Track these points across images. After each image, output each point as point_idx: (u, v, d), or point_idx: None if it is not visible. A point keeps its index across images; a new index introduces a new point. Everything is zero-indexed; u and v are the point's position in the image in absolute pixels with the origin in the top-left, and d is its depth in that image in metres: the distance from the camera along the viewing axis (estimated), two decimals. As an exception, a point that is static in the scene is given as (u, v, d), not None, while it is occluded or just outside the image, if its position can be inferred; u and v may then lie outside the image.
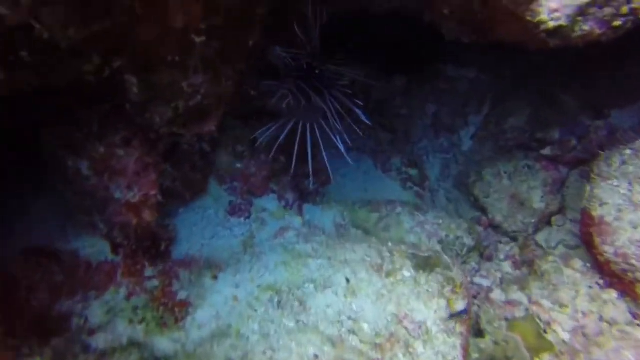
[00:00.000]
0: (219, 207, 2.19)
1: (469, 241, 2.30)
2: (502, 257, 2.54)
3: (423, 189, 2.95)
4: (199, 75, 1.13)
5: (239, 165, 2.16)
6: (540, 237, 2.51)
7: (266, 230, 2.08)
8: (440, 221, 2.30)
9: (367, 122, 2.08)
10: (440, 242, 2.23)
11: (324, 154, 2.28)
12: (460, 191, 3.09)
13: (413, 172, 2.97)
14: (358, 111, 2.06)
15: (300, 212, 2.43)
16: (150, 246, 1.58)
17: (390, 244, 1.92)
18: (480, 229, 2.68)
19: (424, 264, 1.81)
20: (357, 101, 2.46)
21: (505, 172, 2.59)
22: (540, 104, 2.77)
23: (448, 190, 3.15)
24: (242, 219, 2.16)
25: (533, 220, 2.45)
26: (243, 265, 1.78)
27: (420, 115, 3.48)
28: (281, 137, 2.08)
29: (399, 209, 2.32)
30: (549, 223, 2.50)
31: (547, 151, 2.51)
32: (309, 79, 2.10)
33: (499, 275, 2.39)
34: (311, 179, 2.40)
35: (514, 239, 2.54)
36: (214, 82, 1.19)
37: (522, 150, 2.84)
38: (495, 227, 2.61)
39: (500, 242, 2.61)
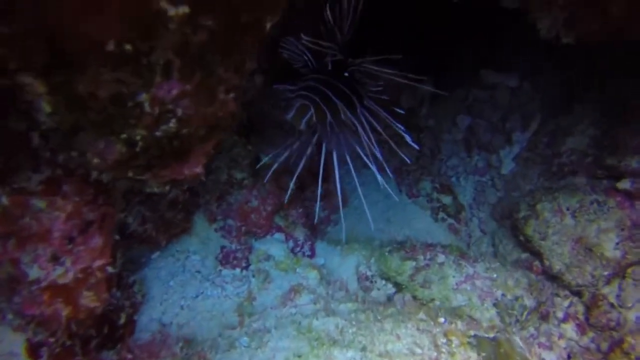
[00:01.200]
0: (207, 253, 1.63)
1: (530, 302, 1.78)
2: (560, 315, 2.03)
3: (458, 222, 2.42)
4: (174, 81, 0.59)
5: (236, 197, 1.60)
6: (610, 292, 2.00)
7: (271, 290, 1.53)
8: (495, 275, 1.77)
9: (415, 146, 1.53)
10: (495, 304, 1.71)
11: (337, 174, 1.73)
12: (498, 223, 2.57)
13: (446, 199, 2.44)
14: (402, 131, 1.51)
15: (312, 254, 1.88)
16: (97, 333, 1.02)
17: (442, 319, 1.38)
18: (531, 276, 2.17)
19: (494, 355, 1.28)
20: (397, 110, 1.91)
21: (568, 209, 2.07)
22: (609, 121, 2.26)
23: (483, 221, 2.63)
24: (237, 271, 1.61)
25: (605, 273, 1.94)
26: (236, 356, 1.23)
27: (449, 127, 2.95)
28: (300, 165, 1.52)
29: (440, 258, 1.78)
30: (623, 275, 1.99)
31: (625, 184, 1.99)
32: (336, 81, 1.54)
33: (563, 344, 1.88)
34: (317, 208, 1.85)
35: (578, 294, 2.03)
36: (202, 95, 0.65)
37: (583, 177, 2.34)
38: (552, 276, 2.09)
39: (558, 296, 2.10)
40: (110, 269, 0.93)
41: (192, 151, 0.73)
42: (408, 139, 1.53)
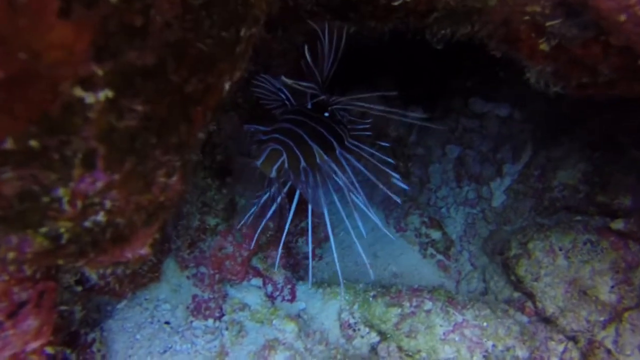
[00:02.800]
0: (178, 302, 1.53)
1: (522, 353, 1.68)
2: (555, 360, 1.93)
3: (448, 258, 2.33)
4: (99, 172, 0.51)
5: (209, 244, 1.51)
6: (607, 338, 1.90)
7: (244, 345, 1.42)
8: (485, 323, 1.68)
9: (404, 187, 1.46)
10: (485, 357, 1.61)
11: (324, 207, 1.65)
12: (490, 258, 2.48)
13: (435, 234, 2.36)
14: (392, 173, 1.43)
15: (292, 298, 1.78)
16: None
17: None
18: (523, 318, 2.08)
19: None
20: (381, 143, 1.84)
21: (561, 249, 1.99)
22: (601, 157, 2.20)
23: (473, 254, 2.55)
24: (210, 322, 1.50)
25: (601, 319, 1.86)
26: None
27: (439, 157, 2.89)
28: (269, 211, 1.44)
29: (427, 305, 1.69)
30: (620, 320, 1.90)
31: (619, 225, 1.92)
32: (314, 123, 1.46)
33: (558, 395, 1.78)
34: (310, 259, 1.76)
35: (573, 339, 1.93)
36: (135, 183, 0.57)
37: (574, 214, 2.28)
38: (545, 319, 2.00)
39: (552, 340, 2.00)
40: (49, 350, 0.84)
41: (133, 235, 0.65)
42: (397, 181, 1.46)
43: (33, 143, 0.45)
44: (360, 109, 1.66)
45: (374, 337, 1.67)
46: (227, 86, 0.77)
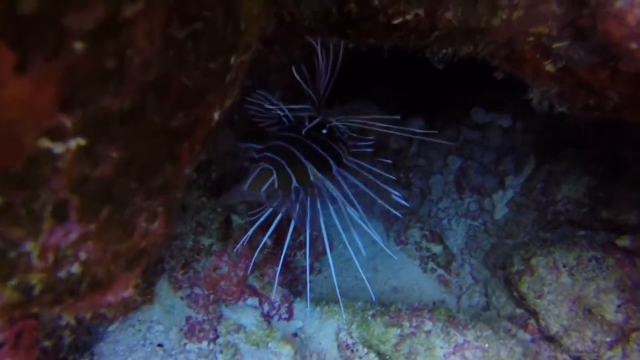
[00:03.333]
0: (172, 324, 1.49)
1: (526, 375, 1.63)
2: (559, 381, 1.89)
3: (449, 273, 2.29)
4: (72, 223, 0.47)
5: (203, 264, 1.47)
6: (613, 359, 1.86)
7: (238, 370, 1.38)
8: (487, 345, 1.63)
9: (405, 204, 1.42)
10: (488, 380, 1.56)
11: (320, 219, 1.61)
12: (491, 272, 2.44)
13: (436, 248, 2.32)
14: (392, 191, 1.39)
15: (290, 317, 1.74)
16: None
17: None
18: (526, 336, 2.03)
19: None
20: (383, 160, 1.80)
21: (565, 265, 1.94)
22: (605, 171, 2.16)
23: (475, 268, 2.50)
24: (204, 344, 1.46)
25: (608, 339, 1.81)
26: None
27: (440, 168, 2.85)
28: (268, 231, 1.40)
29: (427, 325, 1.64)
30: (627, 340, 1.85)
31: (625, 242, 1.87)
32: (310, 141, 1.42)
33: (563, 418, 1.74)
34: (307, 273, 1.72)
35: (578, 359, 1.88)
36: (113, 232, 0.53)
37: (579, 229, 2.23)
38: (549, 338, 1.95)
39: (556, 359, 1.95)
40: (29, 391, 0.80)
41: (114, 281, 0.61)
42: (398, 198, 1.41)
43: (-5, 200, 0.41)
44: (361, 126, 1.62)
45: (373, 358, 1.63)
46: (216, 116, 0.73)
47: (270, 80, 1.59)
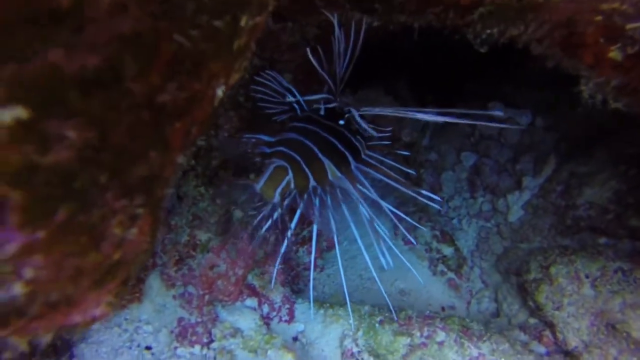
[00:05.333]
0: (162, 325, 1.36)
1: (543, 393, 1.51)
2: (575, 398, 1.77)
3: (459, 277, 2.15)
4: (11, 230, 0.33)
5: (199, 261, 1.33)
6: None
7: (234, 380, 1.25)
8: (502, 359, 1.50)
9: (437, 206, 1.28)
10: (504, 398, 1.44)
11: (329, 211, 1.47)
12: (503, 277, 2.31)
13: (447, 250, 2.18)
14: (423, 192, 1.25)
15: (291, 319, 1.61)
16: None
17: None
18: (541, 349, 1.91)
19: None
20: (401, 152, 1.65)
21: (587, 276, 1.81)
22: (636, 175, 2.01)
23: (485, 272, 2.37)
24: (197, 349, 1.33)
25: (634, 359, 1.68)
26: None
27: (453, 164, 2.70)
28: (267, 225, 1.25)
29: (440, 335, 1.52)
30: (648, 358, 1.73)
31: (655, 254, 1.73)
32: (326, 133, 1.27)
33: None
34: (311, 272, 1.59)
35: (596, 376, 1.76)
36: (75, 241, 0.38)
37: (602, 236, 2.09)
38: (567, 352, 1.83)
39: (572, 375, 1.83)
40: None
41: (80, 300, 0.47)
42: (429, 195, 1.27)
43: None
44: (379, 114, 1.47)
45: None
46: (220, 92, 0.58)
47: (282, 61, 1.44)
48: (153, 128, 0.44)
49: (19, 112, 0.29)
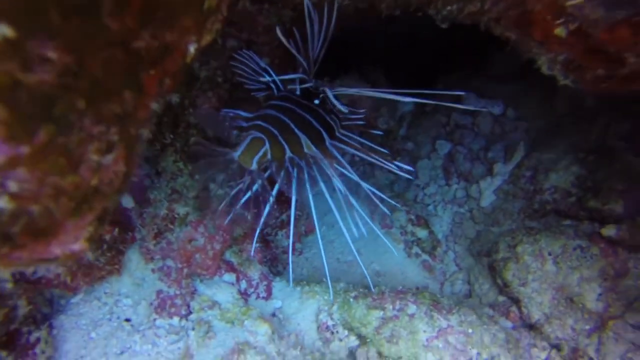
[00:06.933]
0: (140, 298, 1.39)
1: (507, 361, 1.60)
2: (538, 369, 1.87)
3: (433, 258, 2.24)
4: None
5: (177, 234, 1.36)
6: (590, 346, 1.85)
7: (212, 348, 1.29)
8: (470, 330, 1.59)
9: (410, 168, 1.35)
10: (470, 364, 1.53)
11: (309, 194, 1.53)
12: (475, 259, 2.41)
13: (422, 233, 2.27)
14: (396, 163, 1.32)
15: (268, 296, 1.66)
16: None
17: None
18: (507, 323, 2.01)
19: None
20: (374, 132, 1.72)
21: (550, 254, 1.92)
22: (594, 161, 2.13)
23: (459, 255, 2.47)
24: (175, 321, 1.37)
25: (587, 327, 1.79)
26: None
27: (428, 152, 2.79)
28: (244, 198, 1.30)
29: (411, 309, 1.59)
30: (604, 328, 1.85)
31: (610, 232, 1.85)
32: (302, 111, 1.33)
33: (539, 404, 1.72)
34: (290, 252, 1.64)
35: (557, 347, 1.87)
36: (55, 160, 0.42)
37: (564, 218, 2.21)
38: (530, 325, 1.93)
39: (535, 347, 1.93)
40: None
41: (59, 228, 0.51)
42: (400, 165, 1.33)
43: None
44: (353, 95, 1.53)
45: (353, 341, 1.57)
46: (192, 49, 0.62)
47: (259, 43, 1.48)
48: (128, 70, 0.48)
49: (5, 30, 0.34)
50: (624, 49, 0.80)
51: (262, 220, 1.29)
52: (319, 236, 1.58)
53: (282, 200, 1.82)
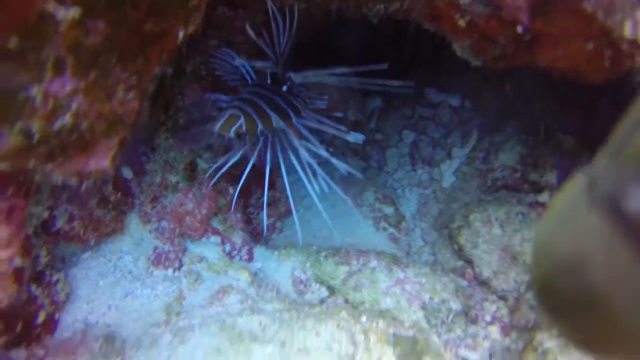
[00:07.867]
0: (140, 254, 1.64)
1: (456, 306, 1.88)
2: (488, 318, 2.15)
3: (399, 231, 2.53)
4: (67, 77, 0.64)
5: (170, 200, 1.63)
6: (528, 293, 2.14)
7: (201, 291, 1.55)
8: (423, 280, 1.87)
9: (360, 136, 1.62)
10: (423, 307, 1.80)
11: (285, 179, 1.81)
12: (439, 234, 2.70)
13: (388, 210, 2.55)
14: (345, 131, 1.59)
15: (250, 259, 1.92)
16: (7, 330, 1.02)
17: (364, 319, 1.46)
18: (464, 282, 2.29)
19: (410, 351, 1.36)
20: (336, 115, 2.01)
21: (497, 219, 2.22)
22: (534, 141, 2.46)
23: (425, 231, 2.76)
24: (169, 272, 1.62)
25: (527, 278, 2.09)
26: (157, 352, 1.25)
27: (396, 142, 3.10)
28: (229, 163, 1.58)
29: (373, 263, 1.87)
30: (543, 282, 2.14)
31: (545, 197, 2.16)
32: (272, 95, 1.62)
33: (487, 344, 2.00)
34: (264, 218, 1.90)
35: (503, 298, 2.16)
36: (98, 93, 0.70)
37: (512, 192, 2.52)
38: (482, 282, 2.22)
39: (487, 300, 2.22)
40: (18, 262, 0.94)
41: (96, 145, 0.77)
42: (350, 134, 1.61)
43: (12, 43, 0.57)
44: (319, 82, 1.83)
45: (324, 292, 1.83)
46: (180, 35, 0.91)
47: (236, 42, 1.78)
48: (140, 46, 0.76)
49: (76, 12, 0.61)
50: (497, 34, 1.10)
51: (244, 175, 1.56)
52: (293, 210, 1.85)
53: (261, 181, 2.09)
